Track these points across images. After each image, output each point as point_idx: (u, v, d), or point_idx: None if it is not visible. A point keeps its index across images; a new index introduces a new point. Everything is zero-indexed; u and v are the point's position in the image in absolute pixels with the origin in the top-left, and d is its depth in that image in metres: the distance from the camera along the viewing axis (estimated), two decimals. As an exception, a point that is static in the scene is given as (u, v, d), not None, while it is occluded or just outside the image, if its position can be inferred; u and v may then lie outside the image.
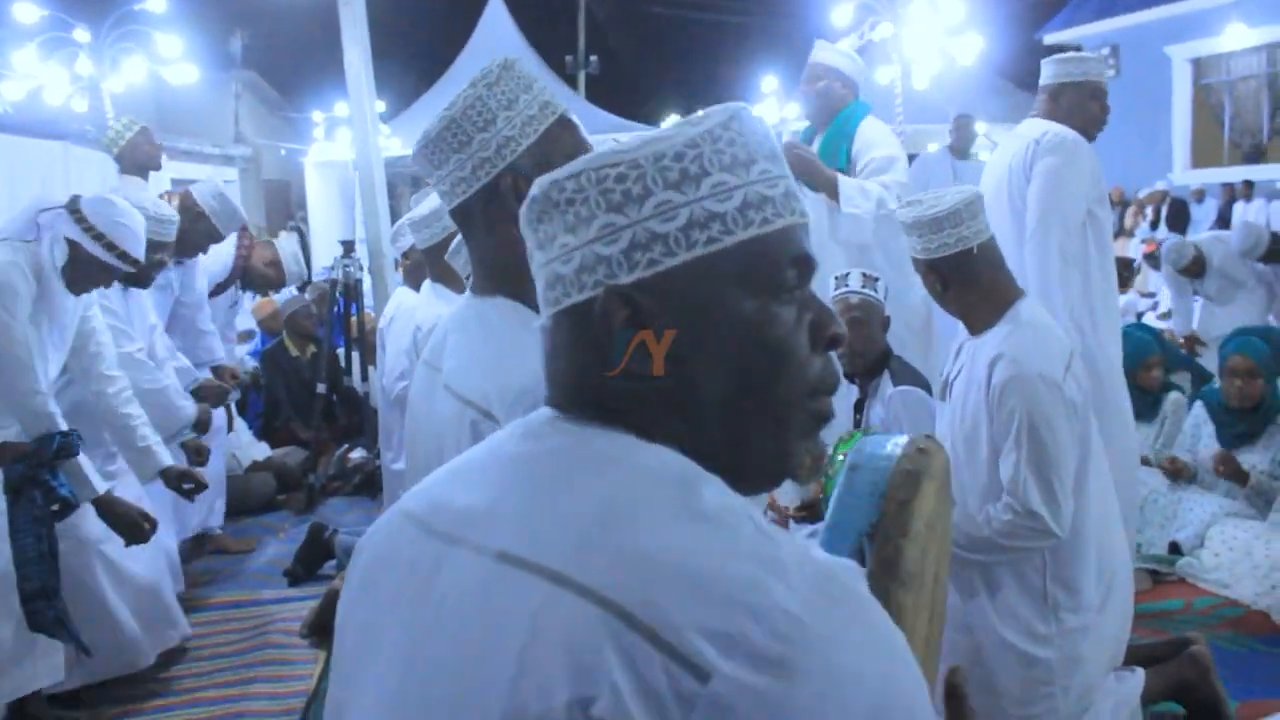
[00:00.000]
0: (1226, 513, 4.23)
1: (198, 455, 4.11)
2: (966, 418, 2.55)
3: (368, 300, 7.05)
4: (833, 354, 0.91)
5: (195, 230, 4.60)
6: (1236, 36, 14.13)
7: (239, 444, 5.99)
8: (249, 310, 7.21)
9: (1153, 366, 4.71)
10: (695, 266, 0.83)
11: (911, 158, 8.61)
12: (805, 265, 0.87)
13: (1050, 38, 16.64)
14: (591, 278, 0.84)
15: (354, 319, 6.57)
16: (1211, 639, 3.35)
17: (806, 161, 4.17)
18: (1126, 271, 9.72)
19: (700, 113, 0.87)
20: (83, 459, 3.34)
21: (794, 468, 0.89)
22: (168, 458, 3.71)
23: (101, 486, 3.38)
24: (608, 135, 15.62)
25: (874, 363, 3.41)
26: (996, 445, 2.47)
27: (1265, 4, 13.39)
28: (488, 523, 0.81)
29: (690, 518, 0.75)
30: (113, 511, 3.38)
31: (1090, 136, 3.72)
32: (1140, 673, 2.67)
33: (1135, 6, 15.10)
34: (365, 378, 6.49)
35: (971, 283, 2.54)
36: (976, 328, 2.57)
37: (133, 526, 3.38)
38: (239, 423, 5.86)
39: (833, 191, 4.14)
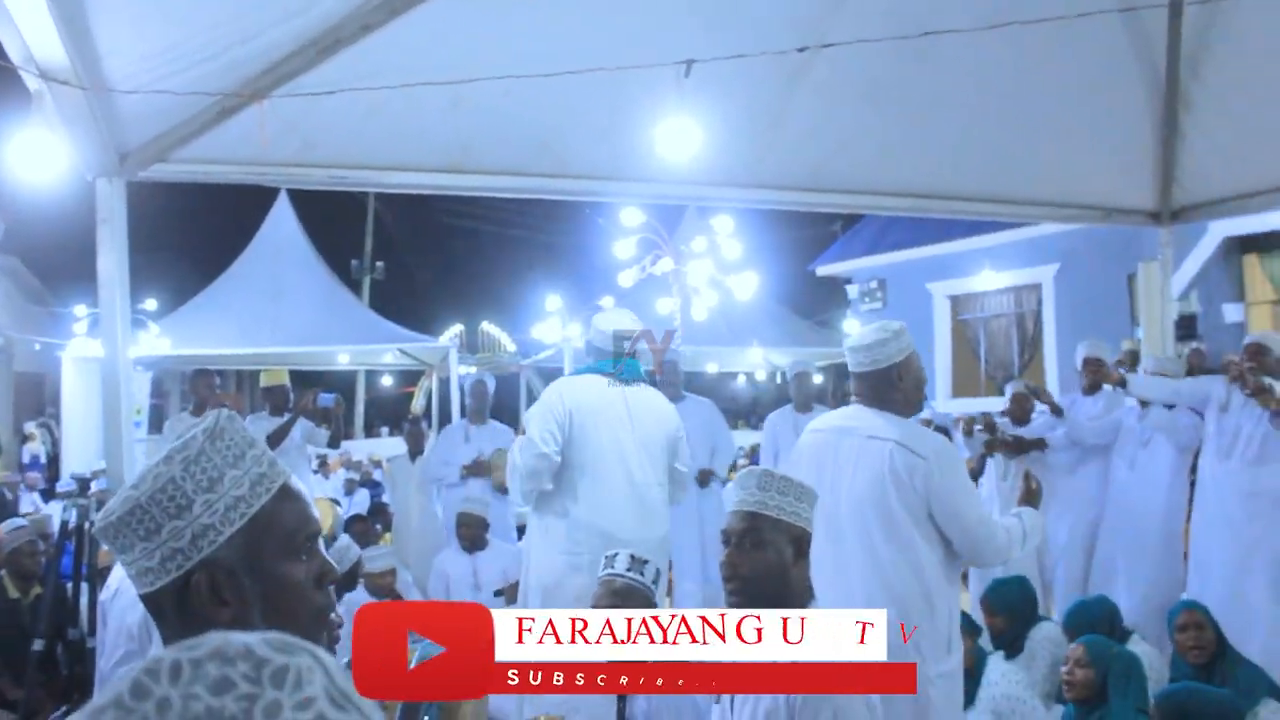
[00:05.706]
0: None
1: None
2: None
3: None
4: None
5: None
6: (988, 278, 15.30)
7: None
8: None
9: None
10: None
11: (696, 375, 8.74)
12: None
13: (823, 269, 17.63)
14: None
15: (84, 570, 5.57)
16: None
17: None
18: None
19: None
20: None
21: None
22: None
23: None
24: (392, 345, 15.19)
25: None
26: None
27: (1010, 252, 14.57)
28: None
29: None
30: None
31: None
32: None
33: (900, 245, 16.18)
34: (92, 631, 5.70)
35: None
36: None
37: None
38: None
39: None
